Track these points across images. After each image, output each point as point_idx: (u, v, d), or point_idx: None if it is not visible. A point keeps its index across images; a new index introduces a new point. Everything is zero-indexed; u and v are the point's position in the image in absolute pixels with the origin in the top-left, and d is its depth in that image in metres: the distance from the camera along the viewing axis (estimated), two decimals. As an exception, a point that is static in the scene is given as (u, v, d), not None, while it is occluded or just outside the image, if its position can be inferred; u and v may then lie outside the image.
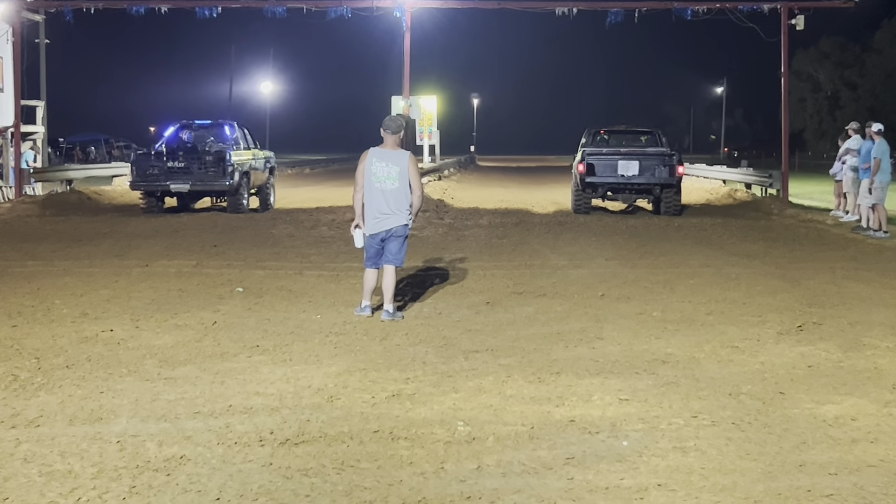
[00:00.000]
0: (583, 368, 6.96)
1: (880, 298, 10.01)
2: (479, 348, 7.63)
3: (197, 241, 15.17)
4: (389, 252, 8.79)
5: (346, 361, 7.15)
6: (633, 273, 11.88)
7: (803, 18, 24.97)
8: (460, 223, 18.61)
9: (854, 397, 6.26)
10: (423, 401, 6.12)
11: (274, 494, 4.52)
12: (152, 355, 7.32)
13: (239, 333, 8.16)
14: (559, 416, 5.78)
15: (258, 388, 6.37)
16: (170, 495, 4.50)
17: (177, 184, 20.30)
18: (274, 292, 10.30)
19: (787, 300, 9.88)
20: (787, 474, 4.82)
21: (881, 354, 7.48)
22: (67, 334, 8.05)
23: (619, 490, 4.60)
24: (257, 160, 22.25)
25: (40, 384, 6.44)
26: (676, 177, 20.40)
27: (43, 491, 4.55)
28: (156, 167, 20.45)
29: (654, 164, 20.35)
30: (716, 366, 7.10)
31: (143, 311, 9.16)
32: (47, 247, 14.39)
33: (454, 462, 4.97)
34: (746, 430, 5.54)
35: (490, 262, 12.87)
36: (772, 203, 23.72)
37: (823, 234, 17.13)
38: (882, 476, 4.80)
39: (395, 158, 8.75)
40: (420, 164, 25.21)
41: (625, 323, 8.70)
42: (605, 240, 15.85)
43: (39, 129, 28.86)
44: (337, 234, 16.21)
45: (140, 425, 5.56)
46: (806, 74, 79.48)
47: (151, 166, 20.50)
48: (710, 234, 16.79)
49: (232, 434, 5.39)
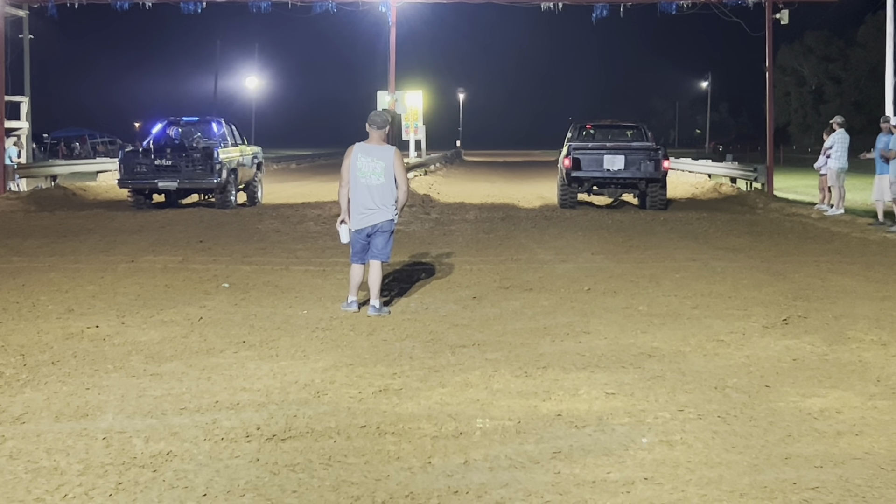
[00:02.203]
0: (569, 363, 6.98)
1: (865, 292, 10.06)
2: (466, 343, 7.63)
3: (183, 237, 15.13)
4: (375, 247, 8.79)
5: (333, 357, 7.15)
6: (619, 267, 11.91)
7: (788, 13, 25.08)
8: (446, 218, 18.62)
9: (839, 390, 6.29)
10: (410, 396, 6.12)
11: (261, 490, 4.52)
12: (138, 351, 7.30)
13: (225, 329, 8.14)
14: (546, 411, 5.79)
15: (245, 384, 6.36)
16: (156, 492, 4.49)
17: (165, 182, 20.34)
18: (260, 288, 10.28)
19: (772, 294, 9.92)
20: (772, 467, 4.84)
21: (866, 347, 7.52)
22: (53, 330, 8.02)
23: (605, 484, 4.61)
24: (245, 156, 22.30)
25: (26, 381, 6.42)
26: (662, 171, 20.49)
27: (29, 488, 4.53)
28: (144, 165, 20.47)
29: (640, 159, 20.42)
30: (702, 359, 7.12)
31: (129, 307, 9.13)
32: (32, 243, 14.33)
33: (441, 457, 4.98)
34: (732, 424, 5.56)
35: (476, 257, 12.88)
36: (757, 197, 23.81)
37: (808, 227, 17.20)
38: (867, 468, 4.82)
39: (380, 154, 8.74)
40: (406, 160, 25.21)
41: (611, 317, 8.72)
42: (591, 234, 15.88)
43: (24, 124, 28.72)
44: (323, 229, 16.19)
45: (126, 421, 5.55)
46: (790, 69, 79.82)
47: (139, 164, 20.52)
48: (695, 229, 16.84)
49: (219, 430, 5.38)
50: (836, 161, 19.38)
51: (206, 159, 20.28)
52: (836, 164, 19.40)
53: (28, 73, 30.21)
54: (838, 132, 19.57)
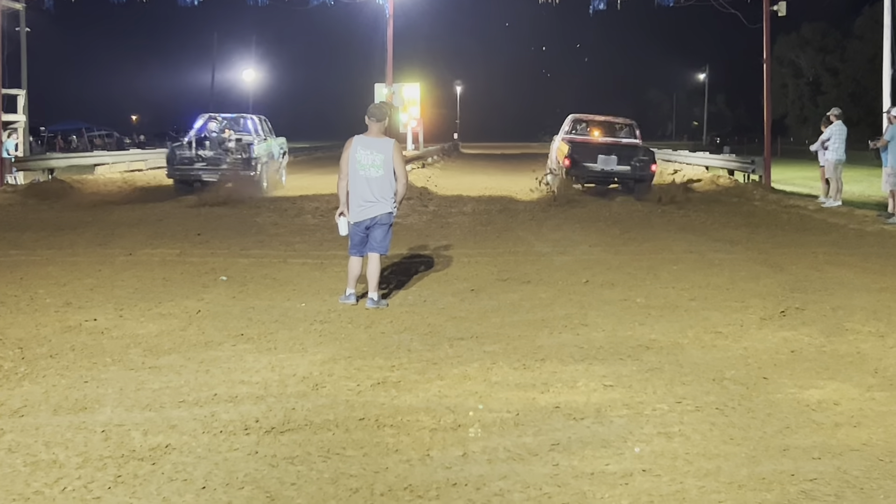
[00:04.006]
0: (567, 355, 6.98)
1: (862, 283, 10.07)
2: (464, 335, 7.64)
3: (181, 230, 15.11)
4: (374, 240, 8.78)
5: (332, 349, 7.15)
6: (616, 259, 11.91)
7: (785, 4, 25.08)
8: (444, 210, 18.61)
9: (837, 382, 6.30)
10: (408, 388, 6.12)
11: (260, 483, 4.52)
12: (136, 344, 7.29)
13: (223, 322, 8.14)
14: (544, 403, 5.80)
15: (243, 377, 6.36)
16: (155, 484, 4.50)
17: (208, 174, 22.49)
18: (258, 280, 10.28)
19: (769, 285, 9.93)
20: (770, 459, 4.85)
21: (863, 339, 7.53)
22: (51, 324, 8.02)
23: (604, 475, 4.62)
24: (274, 149, 24.84)
25: (24, 374, 6.41)
26: (650, 173, 22.72)
27: (28, 481, 4.53)
28: (188, 158, 22.66)
29: (632, 161, 22.53)
30: (699, 351, 7.13)
31: (127, 300, 9.13)
32: (30, 236, 14.31)
33: (440, 449, 4.98)
34: (730, 415, 5.57)
35: (474, 250, 12.88)
36: (754, 189, 23.83)
37: (805, 219, 17.21)
38: (865, 460, 4.83)
39: (379, 146, 8.73)
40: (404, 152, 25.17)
41: (609, 309, 8.73)
42: (588, 227, 15.88)
43: (21, 118, 28.67)
44: (321, 222, 16.18)
45: (125, 414, 5.55)
46: (787, 60, 79.73)
47: (185, 158, 22.71)
48: (693, 221, 16.84)
49: (217, 423, 5.38)
50: (834, 153, 19.41)
51: (243, 153, 22.40)
52: (833, 156, 19.43)
53: (25, 67, 30.15)
54: (836, 124, 19.60)
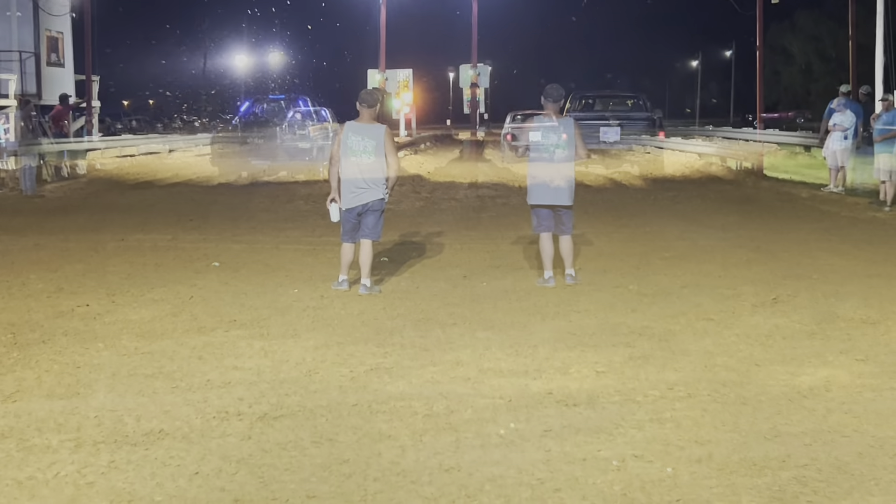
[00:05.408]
0: (560, 341, 6.99)
1: (854, 270, 10.09)
2: (457, 321, 7.65)
3: (173, 215, 15.09)
4: (366, 226, 8.78)
5: (324, 335, 7.15)
6: (609, 246, 11.93)
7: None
8: (437, 197, 18.60)
9: (828, 368, 6.32)
10: (401, 374, 6.13)
11: (253, 468, 4.53)
12: (129, 330, 7.29)
13: (216, 308, 8.14)
14: (536, 389, 5.81)
15: (236, 363, 6.36)
16: (149, 469, 4.50)
17: (258, 160, 20.99)
18: (250, 266, 10.27)
19: (761, 272, 9.95)
20: (762, 445, 4.87)
21: (855, 326, 7.54)
22: (43, 309, 8.00)
23: (596, 461, 4.63)
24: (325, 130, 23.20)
25: (16, 359, 6.41)
26: None
27: (21, 466, 4.53)
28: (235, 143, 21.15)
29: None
30: (691, 338, 7.15)
31: (119, 285, 9.11)
32: (21, 221, 14.28)
33: (433, 435, 4.99)
34: (722, 402, 5.58)
35: (467, 236, 12.88)
36: (747, 176, 23.83)
37: (798, 207, 17.22)
38: (856, 446, 4.85)
39: (370, 132, 8.72)
40: (396, 138, 25.13)
41: (601, 296, 8.74)
42: (581, 212, 15.84)
43: (11, 102, 28.54)
44: (313, 208, 16.15)
45: (118, 400, 5.55)
46: (780, 47, 79.67)
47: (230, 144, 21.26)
48: (685, 208, 16.85)
49: (210, 408, 5.39)
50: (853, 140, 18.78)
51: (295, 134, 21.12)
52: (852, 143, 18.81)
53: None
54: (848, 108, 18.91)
